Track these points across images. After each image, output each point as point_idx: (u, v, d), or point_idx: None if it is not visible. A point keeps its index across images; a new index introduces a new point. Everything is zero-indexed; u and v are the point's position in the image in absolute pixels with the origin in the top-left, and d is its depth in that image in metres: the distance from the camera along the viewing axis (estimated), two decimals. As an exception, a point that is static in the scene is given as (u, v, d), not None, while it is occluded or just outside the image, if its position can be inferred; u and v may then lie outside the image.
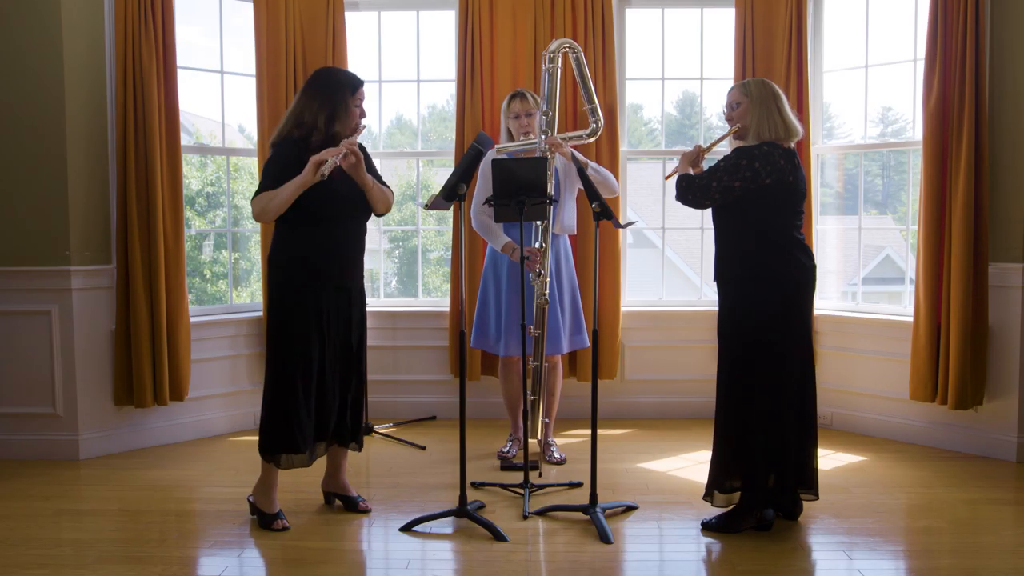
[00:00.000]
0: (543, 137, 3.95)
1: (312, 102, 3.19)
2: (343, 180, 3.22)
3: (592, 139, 4.16)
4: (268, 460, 3.28)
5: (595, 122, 4.12)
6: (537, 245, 3.92)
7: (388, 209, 3.39)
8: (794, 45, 4.60)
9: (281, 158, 3.17)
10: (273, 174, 3.16)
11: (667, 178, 3.51)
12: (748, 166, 3.08)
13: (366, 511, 3.44)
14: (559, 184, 4.07)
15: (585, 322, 4.23)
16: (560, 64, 4.03)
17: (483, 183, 4.05)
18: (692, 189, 3.20)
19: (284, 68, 4.60)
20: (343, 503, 3.50)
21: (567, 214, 4.10)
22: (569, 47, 4.06)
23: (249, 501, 3.37)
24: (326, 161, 3.06)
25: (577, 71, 4.11)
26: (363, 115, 3.28)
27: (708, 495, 3.26)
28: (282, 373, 3.23)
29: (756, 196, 3.11)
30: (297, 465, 3.27)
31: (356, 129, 3.24)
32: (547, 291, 3.92)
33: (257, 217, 3.22)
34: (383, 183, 3.38)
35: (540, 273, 3.90)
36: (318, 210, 3.18)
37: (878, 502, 3.56)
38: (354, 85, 3.24)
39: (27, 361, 4.17)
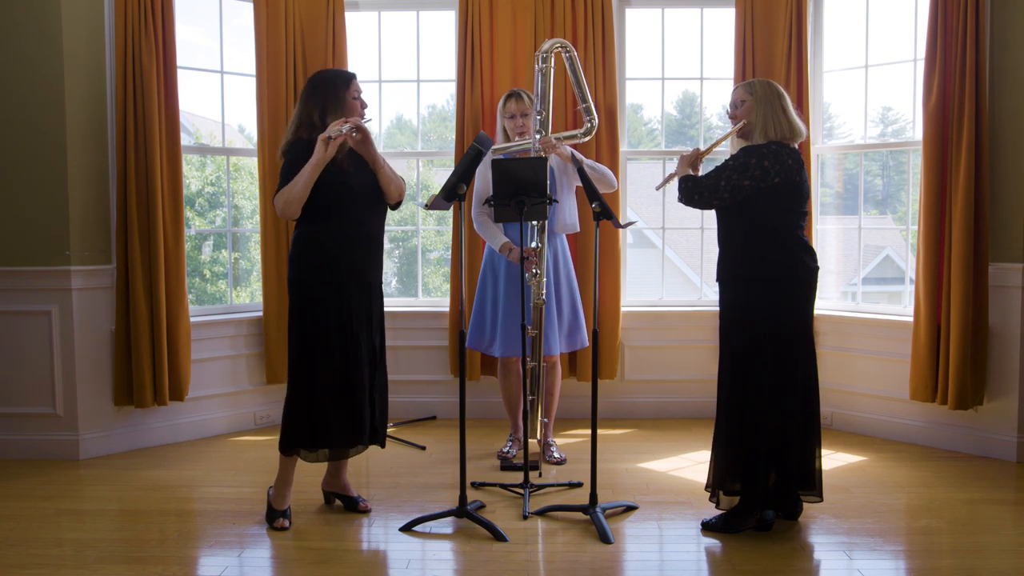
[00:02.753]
0: (536, 137, 3.95)
1: (308, 103, 3.25)
2: (356, 174, 3.24)
3: (587, 138, 4.15)
4: (287, 454, 3.30)
5: (589, 121, 4.11)
6: (533, 245, 3.91)
7: (400, 195, 3.38)
8: (794, 45, 4.60)
9: (293, 159, 3.20)
10: (289, 173, 3.19)
11: (659, 188, 3.52)
12: (757, 164, 3.08)
13: (366, 511, 3.44)
14: (555, 183, 4.06)
15: (585, 322, 4.23)
16: (553, 64, 4.02)
17: (480, 184, 4.04)
18: (699, 189, 3.19)
19: (284, 68, 4.60)
20: (343, 503, 3.50)
21: (567, 212, 4.10)
22: (561, 47, 4.05)
23: (268, 493, 3.42)
24: (334, 134, 3.08)
25: (570, 70, 4.10)
26: (364, 106, 3.33)
27: (714, 496, 3.26)
28: (303, 370, 3.24)
29: (763, 196, 3.11)
30: (321, 460, 3.32)
31: (360, 116, 3.26)
32: (543, 291, 3.92)
33: (282, 211, 3.20)
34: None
35: (536, 273, 3.89)
36: (333, 204, 3.21)
37: (878, 502, 3.56)
38: (346, 79, 3.30)
39: (27, 361, 4.17)
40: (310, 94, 3.26)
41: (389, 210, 3.43)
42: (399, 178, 3.36)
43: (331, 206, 3.21)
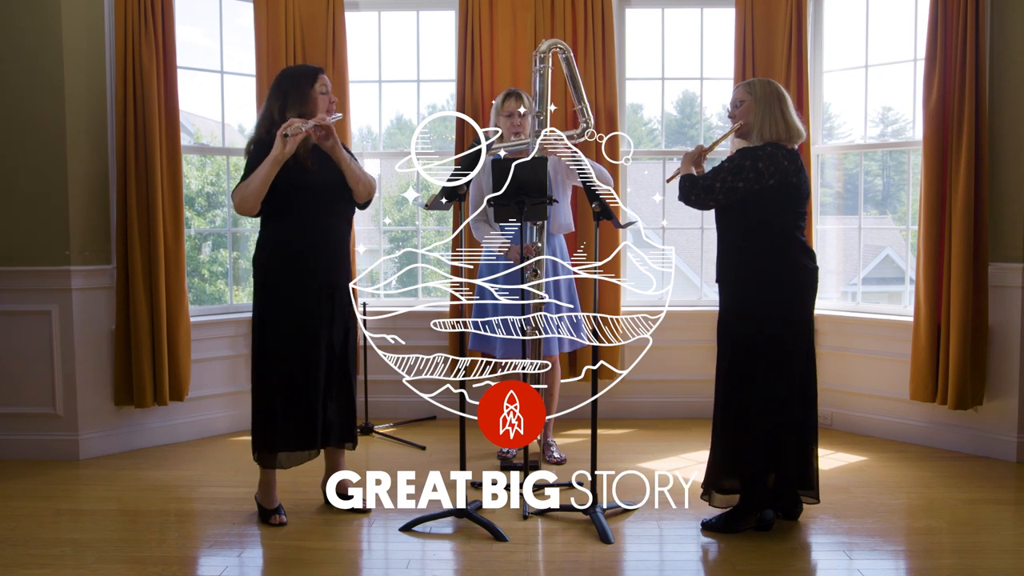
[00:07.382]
0: (533, 139, 3.93)
1: (271, 100, 3.22)
2: (320, 172, 3.21)
3: (582, 139, 4.13)
4: (255, 459, 3.31)
5: (584, 121, 4.10)
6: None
7: (370, 195, 3.34)
8: (794, 45, 4.60)
9: (255, 156, 3.17)
10: (249, 171, 3.16)
11: (668, 180, 3.51)
12: (752, 166, 3.08)
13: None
14: (551, 184, 4.05)
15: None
16: (551, 64, 4.01)
17: (476, 191, 4.02)
18: (695, 190, 3.19)
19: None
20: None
21: (562, 213, 4.09)
22: (559, 47, 4.04)
23: (255, 498, 3.41)
24: (291, 131, 3.04)
25: (567, 71, 4.08)
26: (333, 101, 3.28)
27: (706, 494, 3.26)
28: (266, 374, 3.23)
29: (759, 197, 3.11)
30: (282, 465, 3.29)
31: (329, 113, 3.21)
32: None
33: (238, 207, 3.17)
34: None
35: (535, 272, 3.88)
36: (295, 204, 3.17)
37: (878, 502, 3.56)
38: (311, 73, 3.24)
39: (27, 361, 4.17)
40: (273, 90, 3.22)
41: (359, 210, 3.40)
42: (368, 176, 3.31)
43: (293, 206, 3.17)
